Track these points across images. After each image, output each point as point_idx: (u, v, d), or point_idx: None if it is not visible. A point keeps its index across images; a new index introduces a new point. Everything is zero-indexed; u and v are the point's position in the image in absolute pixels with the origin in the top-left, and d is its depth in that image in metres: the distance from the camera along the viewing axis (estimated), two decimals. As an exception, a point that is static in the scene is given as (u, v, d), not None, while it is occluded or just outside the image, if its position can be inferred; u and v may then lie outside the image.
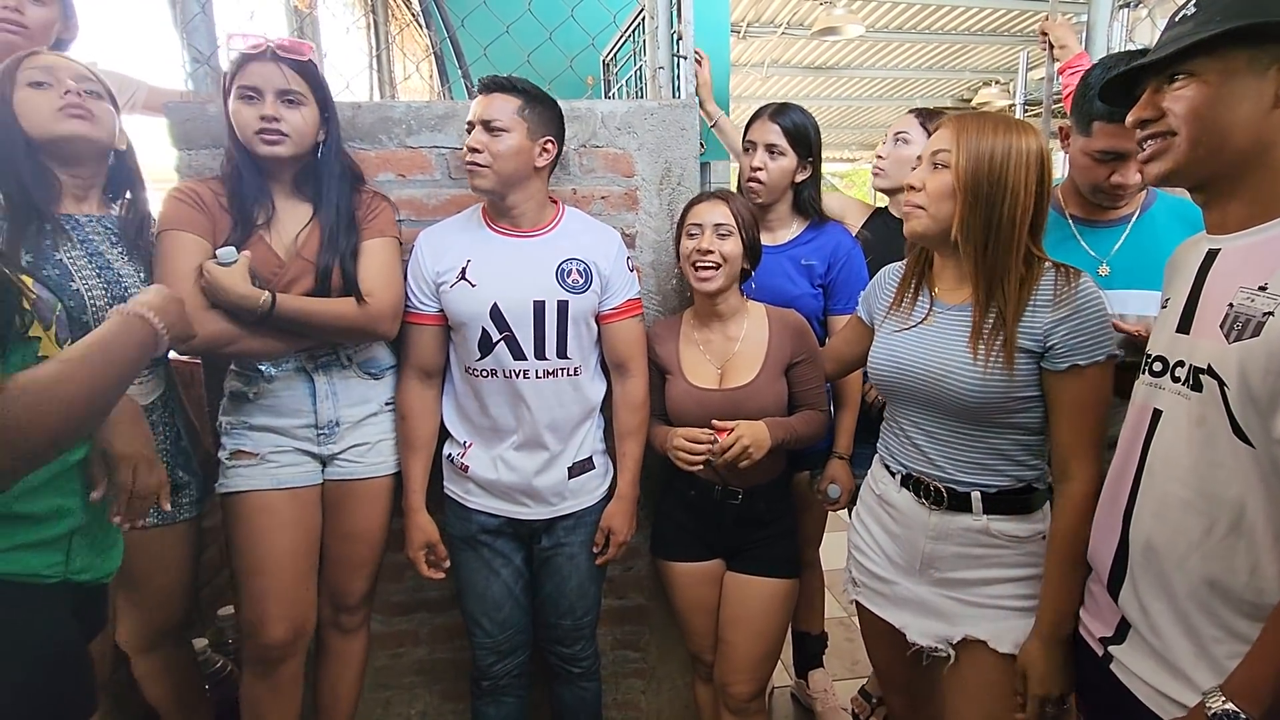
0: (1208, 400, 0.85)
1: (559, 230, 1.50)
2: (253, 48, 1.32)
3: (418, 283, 1.47)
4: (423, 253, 1.47)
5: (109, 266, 1.31)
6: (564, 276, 1.45)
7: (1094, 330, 1.07)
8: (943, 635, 1.21)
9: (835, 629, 2.23)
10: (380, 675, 1.81)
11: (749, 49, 6.54)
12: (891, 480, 1.27)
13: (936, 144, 1.14)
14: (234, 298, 1.28)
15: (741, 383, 1.49)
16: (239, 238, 1.35)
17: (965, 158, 1.09)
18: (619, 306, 1.51)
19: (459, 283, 1.43)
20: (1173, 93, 0.88)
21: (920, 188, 1.15)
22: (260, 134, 1.32)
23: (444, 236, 1.49)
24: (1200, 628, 0.86)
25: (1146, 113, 0.92)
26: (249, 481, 1.42)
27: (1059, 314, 1.08)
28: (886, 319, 1.30)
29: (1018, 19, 6.07)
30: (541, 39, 1.77)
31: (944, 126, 1.15)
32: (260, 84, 1.32)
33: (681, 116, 1.69)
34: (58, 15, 1.58)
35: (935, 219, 1.14)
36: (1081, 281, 1.09)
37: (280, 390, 1.43)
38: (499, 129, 1.38)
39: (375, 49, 3.02)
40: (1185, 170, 0.90)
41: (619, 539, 1.55)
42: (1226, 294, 0.86)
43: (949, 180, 1.11)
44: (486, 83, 1.42)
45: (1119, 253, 1.32)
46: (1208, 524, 0.85)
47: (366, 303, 1.39)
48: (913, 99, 8.52)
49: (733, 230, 1.46)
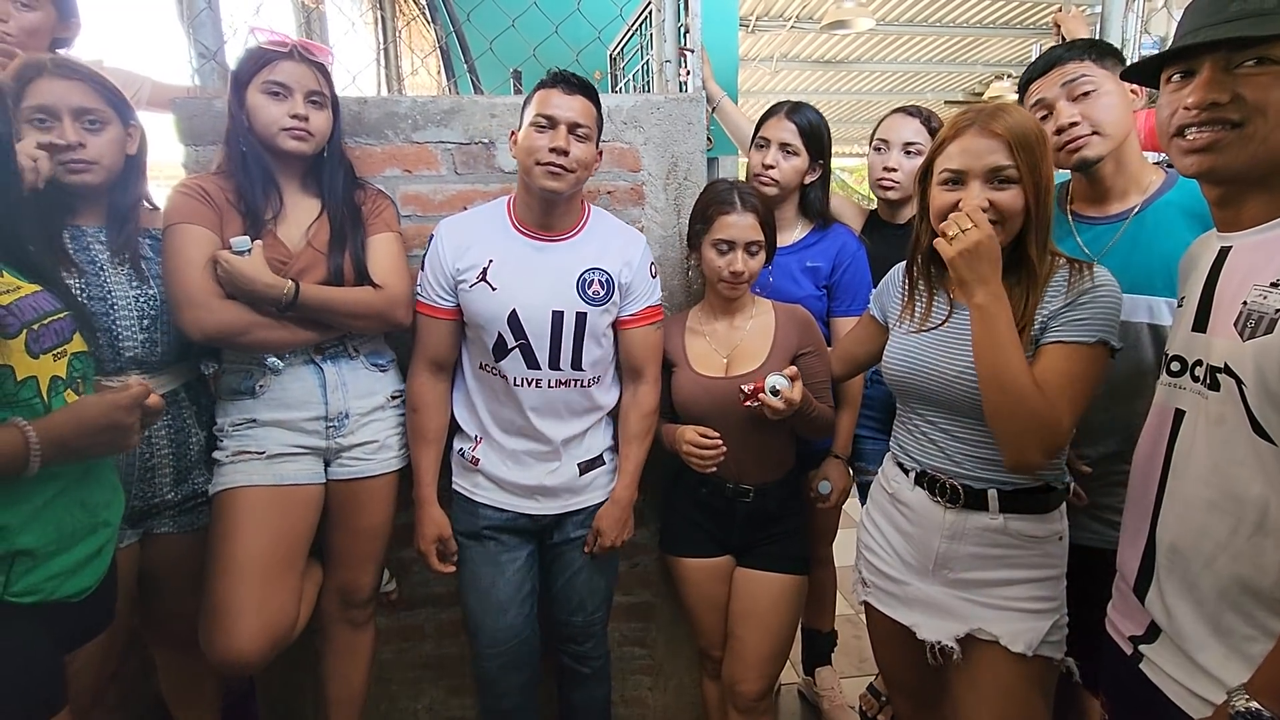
0: (1226, 399, 0.84)
1: (584, 234, 1.46)
2: (277, 43, 1.33)
3: (436, 275, 1.44)
4: (443, 245, 1.43)
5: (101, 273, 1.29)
6: (585, 287, 1.43)
7: (1090, 313, 1.06)
8: (954, 633, 1.19)
9: (844, 626, 2.22)
10: (386, 670, 1.81)
11: (758, 43, 6.50)
12: (905, 478, 1.26)
13: (990, 158, 1.07)
14: (259, 287, 1.28)
15: (748, 370, 1.48)
16: (250, 230, 1.35)
17: (1026, 168, 1.06)
18: (638, 313, 1.49)
19: (479, 284, 1.41)
20: (1249, 77, 0.81)
21: (988, 207, 1.07)
22: (289, 130, 1.33)
23: (467, 231, 1.45)
24: (1234, 627, 0.85)
25: (1223, 95, 0.82)
26: (245, 477, 1.38)
27: (1063, 301, 1.08)
28: (901, 320, 1.28)
29: (1030, 11, 6.00)
30: (548, 33, 1.76)
31: (987, 136, 1.08)
32: (291, 82, 1.33)
33: (689, 111, 1.68)
34: (51, 17, 1.55)
35: (1009, 234, 1.10)
36: (1097, 271, 1.08)
37: (289, 382, 1.42)
38: (585, 135, 1.35)
39: (382, 44, 3.01)
40: (1248, 168, 0.83)
41: (606, 542, 1.53)
42: (1240, 292, 0.84)
43: (1018, 195, 1.07)
44: (573, 81, 1.36)
45: (1111, 252, 1.28)
46: (1233, 524, 0.83)
47: (383, 290, 1.40)
48: (923, 93, 8.45)
49: (762, 245, 1.47)
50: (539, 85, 1.38)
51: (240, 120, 1.35)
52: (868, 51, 7.09)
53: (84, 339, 1.09)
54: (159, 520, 1.40)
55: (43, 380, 1.00)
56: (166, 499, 1.38)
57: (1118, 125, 1.24)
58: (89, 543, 1.07)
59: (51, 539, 1.01)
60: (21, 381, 0.97)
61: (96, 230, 1.32)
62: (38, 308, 1.02)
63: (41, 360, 1.00)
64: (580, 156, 1.34)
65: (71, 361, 1.06)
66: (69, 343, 1.05)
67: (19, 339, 0.97)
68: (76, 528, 1.05)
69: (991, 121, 1.08)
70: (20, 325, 0.97)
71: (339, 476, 1.48)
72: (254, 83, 1.33)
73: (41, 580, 1.00)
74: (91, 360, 1.12)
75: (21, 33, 1.50)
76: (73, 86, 1.25)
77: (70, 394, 1.05)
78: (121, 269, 1.32)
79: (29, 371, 0.98)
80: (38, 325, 1.00)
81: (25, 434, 0.95)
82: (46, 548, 1.01)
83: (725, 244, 1.46)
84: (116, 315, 1.30)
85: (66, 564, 1.04)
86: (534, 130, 1.34)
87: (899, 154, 1.77)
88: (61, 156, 1.23)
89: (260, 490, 1.38)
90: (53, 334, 1.03)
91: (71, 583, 1.05)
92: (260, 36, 1.34)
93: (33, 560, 0.99)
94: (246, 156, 1.36)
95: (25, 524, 0.98)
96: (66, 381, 1.05)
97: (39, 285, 1.04)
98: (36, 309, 1.01)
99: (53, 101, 1.23)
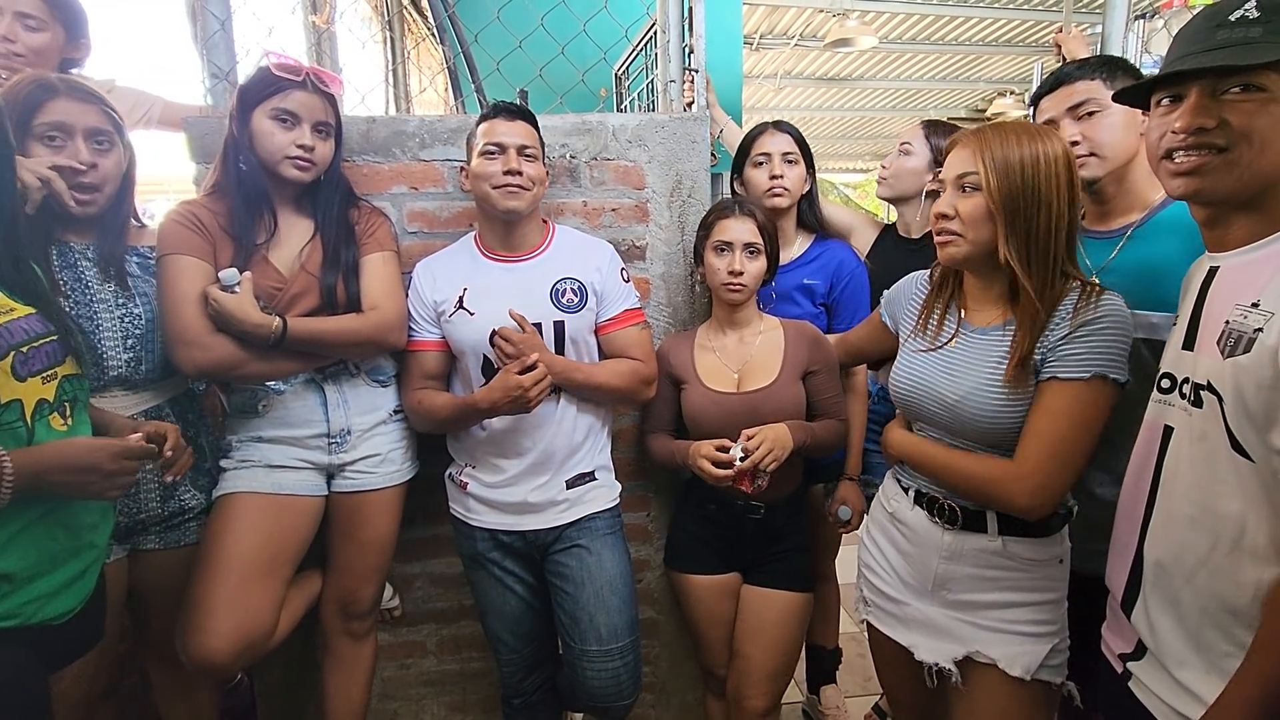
0: (1208, 416, 0.85)
1: (551, 250, 1.50)
2: (291, 70, 1.34)
3: (419, 310, 1.48)
4: (420, 282, 1.49)
5: (87, 291, 1.29)
6: (559, 297, 1.45)
7: (1088, 346, 1.03)
8: (951, 655, 1.18)
9: (849, 644, 2.20)
10: (388, 686, 1.80)
11: (761, 60, 6.55)
12: (904, 497, 1.25)
13: (959, 166, 1.10)
14: (247, 326, 1.29)
15: (760, 385, 1.49)
16: (242, 256, 1.35)
17: (995, 176, 1.05)
18: (616, 316, 1.51)
19: (457, 312, 1.44)
20: (1234, 104, 0.83)
21: (953, 214, 1.11)
22: (293, 160, 1.35)
23: (440, 267, 1.50)
24: (1213, 643, 0.85)
25: (1209, 120, 0.84)
26: (245, 484, 1.40)
27: (1064, 330, 1.05)
28: (912, 336, 1.27)
29: (1032, 29, 6.03)
30: (554, 53, 1.78)
31: (962, 145, 1.10)
32: (302, 112, 1.35)
33: (693, 129, 1.70)
34: (60, 38, 1.57)
35: (974, 244, 1.10)
36: (1103, 299, 1.05)
37: (291, 402, 1.44)
38: (532, 154, 1.41)
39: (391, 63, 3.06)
40: (1233, 191, 0.85)
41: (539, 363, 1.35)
42: (1224, 311, 0.86)
43: (982, 203, 1.07)
44: (512, 109, 1.44)
45: (1112, 266, 1.27)
46: (1212, 540, 0.84)
47: (373, 314, 1.41)
48: (926, 109, 8.50)
49: (760, 249, 1.48)
50: (480, 119, 1.45)
51: (242, 140, 1.36)
52: (870, 69, 7.14)
53: (75, 362, 1.08)
54: (145, 536, 1.39)
55: (28, 404, 0.98)
56: (153, 515, 1.38)
57: (1118, 147, 1.24)
58: (71, 566, 1.05)
59: (30, 563, 0.99)
60: (4, 405, 0.95)
61: (84, 247, 1.32)
62: (29, 330, 1.00)
63: (29, 383, 0.98)
64: (532, 174, 1.40)
65: (62, 384, 1.04)
66: (60, 365, 1.04)
67: (5, 361, 0.95)
68: (59, 551, 1.03)
69: (975, 134, 1.10)
70: (8, 348, 0.96)
71: (342, 489, 1.49)
72: (263, 106, 1.34)
73: (20, 604, 0.98)
74: (85, 382, 1.11)
75: (30, 53, 1.52)
76: (86, 108, 1.27)
77: (56, 418, 1.03)
78: (107, 286, 1.32)
79: (13, 395, 0.96)
80: (27, 348, 0.99)
81: (1, 465, 0.92)
82: (25, 572, 0.98)
83: (723, 245, 1.49)
84: (102, 334, 1.29)
85: (48, 587, 1.01)
86: (485, 159, 1.40)
87: (894, 154, 1.83)
88: (72, 179, 1.24)
89: (256, 496, 1.40)
90: (43, 356, 1.01)
91: (53, 605, 1.02)
92: (273, 60, 1.35)
93: (10, 585, 0.97)
94: (244, 177, 1.37)
95: (2, 548, 0.95)
96: (53, 405, 1.02)
97: (33, 308, 1.03)
98: (28, 330, 1.00)
99: (70, 120, 1.24)
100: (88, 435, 1.09)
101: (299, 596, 1.50)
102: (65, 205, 1.25)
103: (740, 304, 1.52)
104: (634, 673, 1.49)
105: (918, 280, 1.31)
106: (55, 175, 1.22)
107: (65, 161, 1.24)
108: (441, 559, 1.76)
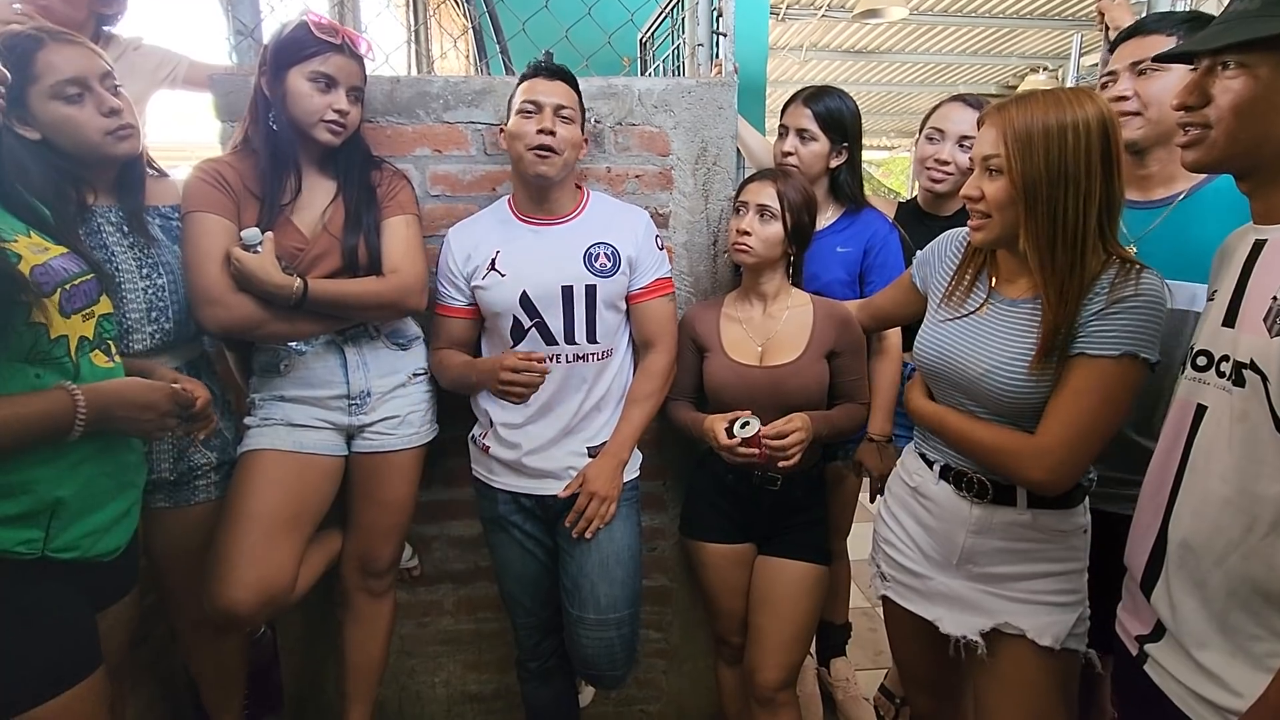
0: (1250, 396, 0.82)
1: (585, 215, 1.49)
2: (329, 33, 1.33)
3: (449, 280, 1.49)
4: (452, 251, 1.48)
5: (112, 260, 1.27)
6: (592, 261, 1.45)
7: (1120, 324, 1.00)
8: (978, 627, 1.18)
9: (859, 619, 2.22)
10: (406, 643, 1.84)
11: (788, 32, 6.40)
12: (929, 471, 1.24)
13: (985, 147, 1.07)
14: (269, 287, 1.30)
15: (784, 361, 1.48)
16: (265, 215, 1.36)
17: (1019, 159, 1.02)
18: (647, 286, 1.50)
19: (489, 274, 1.44)
20: (1222, 81, 0.84)
21: (980, 196, 1.08)
22: (329, 124, 1.35)
23: (472, 233, 1.49)
24: (1240, 626, 0.84)
25: (1192, 99, 0.88)
26: (268, 441, 1.42)
27: (1098, 305, 1.02)
28: (941, 304, 1.24)
29: (1068, 2, 5.84)
30: (580, 15, 1.75)
31: (988, 125, 1.07)
32: (340, 76, 1.35)
33: (719, 95, 1.66)
34: None
35: (1004, 225, 1.07)
36: (1142, 277, 1.01)
37: (312, 363, 1.45)
38: (569, 117, 1.39)
39: (414, 25, 3.02)
40: (1222, 163, 0.88)
41: (591, 487, 1.44)
42: (1271, 286, 0.83)
43: (1005, 187, 1.04)
44: (553, 68, 1.42)
45: (1151, 236, 1.23)
46: (1248, 522, 0.82)
47: (393, 277, 1.41)
48: (956, 85, 8.28)
49: (776, 214, 1.46)
50: (521, 78, 1.43)
51: (275, 99, 1.35)
52: (900, 42, 6.96)
53: (110, 302, 1.11)
54: (156, 495, 1.40)
55: (72, 340, 1.02)
56: (164, 475, 1.39)
57: (1165, 108, 1.16)
58: (120, 502, 1.10)
59: (87, 495, 1.04)
60: (54, 340, 0.99)
61: (105, 210, 1.30)
62: (67, 269, 1.03)
63: (72, 320, 1.02)
64: (567, 137, 1.38)
65: (100, 322, 1.08)
66: (96, 304, 1.07)
67: (53, 297, 0.99)
68: (110, 486, 1.08)
69: (1000, 109, 1.06)
70: (54, 285, 0.99)
71: (362, 450, 1.51)
72: (300, 68, 1.33)
73: (79, 537, 1.03)
74: (116, 322, 1.14)
75: (59, 1, 1.51)
76: (85, 52, 1.20)
77: (100, 355, 1.07)
78: (130, 252, 1.31)
79: (61, 331, 1.00)
80: (69, 285, 1.02)
81: (74, 399, 0.97)
82: (82, 503, 1.03)
83: (742, 204, 1.50)
84: (125, 297, 1.28)
85: (100, 522, 1.06)
86: (521, 117, 1.38)
87: (953, 146, 1.72)
88: (114, 126, 1.22)
89: (278, 454, 1.42)
90: (82, 294, 1.04)
91: (104, 541, 1.08)
92: (311, 18, 1.33)
93: (69, 516, 1.01)
94: (273, 136, 1.36)
95: (60, 478, 1.00)
96: (94, 342, 1.06)
97: (65, 248, 1.06)
98: (66, 270, 1.03)
99: (81, 72, 1.18)
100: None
101: (320, 554, 1.53)
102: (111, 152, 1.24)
103: (750, 266, 1.50)
104: (629, 645, 1.52)
105: (955, 239, 1.27)
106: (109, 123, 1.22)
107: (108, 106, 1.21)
108: (460, 521, 1.78)
